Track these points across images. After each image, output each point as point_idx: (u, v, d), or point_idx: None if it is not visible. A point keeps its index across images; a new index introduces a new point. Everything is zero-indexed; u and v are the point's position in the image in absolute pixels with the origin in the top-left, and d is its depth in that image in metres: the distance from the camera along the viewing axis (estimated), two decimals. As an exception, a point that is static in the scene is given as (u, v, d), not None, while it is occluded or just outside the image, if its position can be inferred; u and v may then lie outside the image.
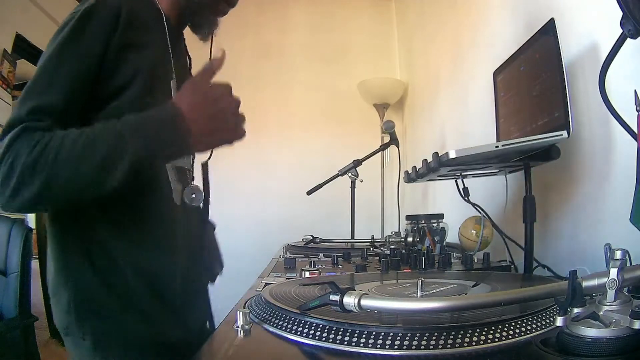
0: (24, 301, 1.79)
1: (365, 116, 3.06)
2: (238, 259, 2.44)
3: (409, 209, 2.51)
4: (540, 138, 0.86)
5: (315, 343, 0.48)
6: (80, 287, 0.77)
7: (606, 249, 0.48)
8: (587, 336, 0.39)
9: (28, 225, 2.11)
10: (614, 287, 0.42)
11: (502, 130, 1.23)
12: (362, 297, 0.48)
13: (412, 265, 1.03)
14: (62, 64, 0.74)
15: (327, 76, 3.17)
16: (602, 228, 0.94)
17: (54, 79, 0.73)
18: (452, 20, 1.97)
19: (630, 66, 0.80)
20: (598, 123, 0.95)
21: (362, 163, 2.08)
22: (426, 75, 2.51)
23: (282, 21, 3.26)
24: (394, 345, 0.44)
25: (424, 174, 1.08)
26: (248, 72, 3.19)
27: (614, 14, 0.65)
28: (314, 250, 1.49)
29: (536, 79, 1.01)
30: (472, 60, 1.74)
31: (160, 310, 0.81)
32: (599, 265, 0.52)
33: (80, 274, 0.77)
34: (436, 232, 1.44)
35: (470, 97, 1.74)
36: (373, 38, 3.26)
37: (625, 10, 0.62)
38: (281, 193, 2.99)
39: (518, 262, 1.06)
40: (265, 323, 0.55)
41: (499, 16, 1.49)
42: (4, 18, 2.50)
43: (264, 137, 3.11)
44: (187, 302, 0.88)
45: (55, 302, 0.79)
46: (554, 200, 1.13)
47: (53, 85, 0.73)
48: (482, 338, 0.45)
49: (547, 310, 0.51)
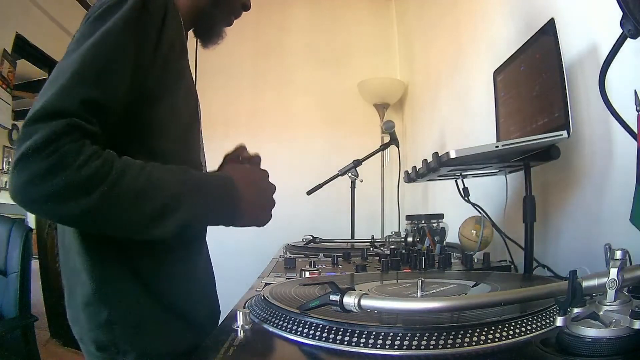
0: (24, 301, 1.79)
1: (365, 116, 3.06)
2: (238, 259, 2.44)
3: (409, 209, 2.51)
4: (540, 138, 0.86)
5: (315, 343, 0.48)
6: (123, 302, 0.72)
7: (606, 249, 0.48)
8: (587, 336, 0.39)
9: (28, 225, 2.11)
10: (614, 287, 0.42)
11: (502, 130, 1.23)
12: (362, 297, 0.48)
13: (412, 265, 1.03)
14: (117, 52, 0.67)
15: (327, 76, 3.16)
16: (602, 228, 0.94)
17: (108, 69, 0.66)
18: (452, 20, 1.97)
19: (630, 66, 0.80)
20: (598, 123, 0.95)
21: (362, 163, 2.08)
22: (426, 75, 2.51)
23: (282, 21, 3.26)
24: (394, 345, 0.44)
25: (424, 174, 1.08)
26: (248, 72, 3.19)
27: (614, 14, 0.65)
28: (314, 250, 1.49)
29: (536, 79, 1.01)
30: (472, 60, 1.74)
31: (202, 315, 0.81)
32: (599, 265, 0.52)
33: (121, 287, 0.72)
34: (436, 232, 1.44)
35: (470, 97, 1.74)
36: (373, 38, 3.26)
37: (625, 10, 0.62)
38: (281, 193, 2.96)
39: (518, 262, 1.06)
40: (265, 323, 0.55)
41: (499, 16, 1.49)
42: (4, 18, 2.50)
43: (264, 137, 3.12)
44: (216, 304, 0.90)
45: (87, 317, 0.73)
46: (554, 200, 1.13)
47: (107, 76, 0.65)
48: (482, 338, 0.45)
49: (547, 310, 0.51)
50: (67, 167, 0.58)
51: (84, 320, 0.73)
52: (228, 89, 3.07)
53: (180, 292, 0.77)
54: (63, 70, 0.64)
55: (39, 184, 0.58)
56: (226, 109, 3.05)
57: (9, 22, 2.55)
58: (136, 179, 0.63)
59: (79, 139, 0.60)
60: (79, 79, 0.63)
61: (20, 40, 2.63)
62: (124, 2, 0.69)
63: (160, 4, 0.73)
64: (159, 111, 0.74)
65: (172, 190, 0.67)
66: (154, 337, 0.73)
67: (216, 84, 3.00)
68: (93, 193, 0.59)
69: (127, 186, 0.62)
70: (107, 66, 0.66)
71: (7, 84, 2.51)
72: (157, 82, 0.73)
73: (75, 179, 0.58)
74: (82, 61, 0.64)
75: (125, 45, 0.67)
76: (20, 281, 1.77)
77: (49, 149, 0.58)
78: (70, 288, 0.76)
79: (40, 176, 0.58)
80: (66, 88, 0.62)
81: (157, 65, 0.72)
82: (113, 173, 0.61)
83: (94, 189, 0.60)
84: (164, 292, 0.75)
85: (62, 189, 0.58)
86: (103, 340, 0.72)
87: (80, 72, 0.63)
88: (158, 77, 0.72)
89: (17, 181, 0.58)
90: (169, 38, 0.74)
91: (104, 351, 0.72)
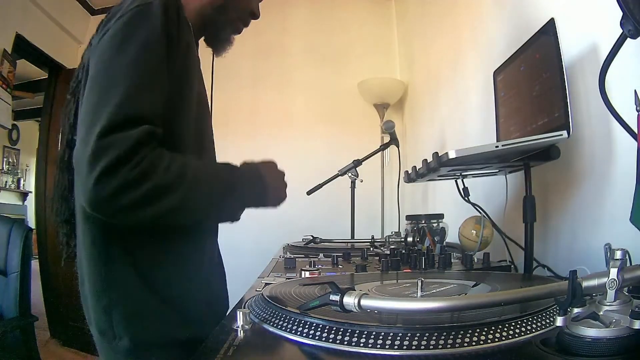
0: (24, 301, 1.78)
1: (365, 116, 3.06)
2: (238, 259, 2.44)
3: (409, 209, 2.51)
4: (540, 138, 0.86)
5: (315, 343, 0.48)
6: (122, 290, 0.77)
7: (606, 249, 0.48)
8: (587, 336, 0.39)
9: (28, 225, 2.11)
10: (614, 287, 0.42)
11: (502, 130, 1.23)
12: (362, 297, 0.48)
13: (412, 265, 1.03)
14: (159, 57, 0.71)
15: (327, 76, 3.16)
16: (602, 228, 0.94)
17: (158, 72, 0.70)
18: (452, 20, 1.97)
19: (630, 66, 0.80)
20: (598, 123, 0.94)
21: (362, 163, 2.08)
22: (426, 75, 2.51)
23: (282, 21, 3.26)
24: (394, 345, 0.44)
25: (424, 174, 1.08)
26: (248, 72, 3.19)
27: (614, 14, 0.65)
28: (314, 250, 1.49)
29: (536, 79, 1.01)
30: (472, 60, 1.74)
31: (200, 309, 0.83)
32: (599, 265, 0.52)
33: (122, 276, 0.77)
34: (436, 232, 1.44)
35: (470, 97, 1.74)
36: (373, 38, 3.26)
37: (625, 10, 0.62)
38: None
39: (518, 262, 1.06)
40: (265, 323, 0.55)
41: (499, 16, 1.49)
42: (4, 18, 2.50)
43: (264, 137, 3.12)
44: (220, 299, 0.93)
45: (93, 302, 0.78)
46: (554, 200, 1.13)
47: (158, 79, 0.70)
48: (482, 338, 0.45)
49: (547, 310, 0.51)
50: (154, 173, 0.65)
51: (90, 305, 0.79)
52: (228, 89, 3.06)
53: (178, 286, 0.81)
54: (115, 77, 0.67)
55: (130, 193, 0.63)
56: (226, 109, 3.05)
57: (9, 22, 2.55)
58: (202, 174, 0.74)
59: (157, 146, 0.67)
60: (141, 84, 0.67)
61: (20, 40, 2.63)
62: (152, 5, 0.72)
63: (174, 9, 0.76)
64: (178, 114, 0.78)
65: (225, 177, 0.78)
66: (149, 325, 0.77)
67: (216, 84, 3.00)
68: (177, 191, 0.67)
69: (199, 181, 0.72)
70: (156, 70, 0.70)
71: (7, 84, 2.51)
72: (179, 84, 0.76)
73: (162, 182, 0.66)
74: (136, 67, 0.68)
75: (163, 50, 0.72)
76: (20, 281, 1.77)
77: (136, 159, 0.63)
78: (82, 276, 0.81)
79: (130, 185, 0.63)
80: (132, 95, 0.66)
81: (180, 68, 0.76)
82: (189, 173, 0.70)
83: (177, 188, 0.68)
84: (162, 285, 0.79)
85: (150, 194, 0.65)
86: (103, 325, 0.77)
87: (139, 78, 0.67)
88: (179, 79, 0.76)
89: (103, 193, 0.62)
90: (184, 41, 0.77)
91: (104, 335, 0.77)
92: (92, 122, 0.64)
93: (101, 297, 0.77)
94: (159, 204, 0.66)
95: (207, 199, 0.75)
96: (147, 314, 0.78)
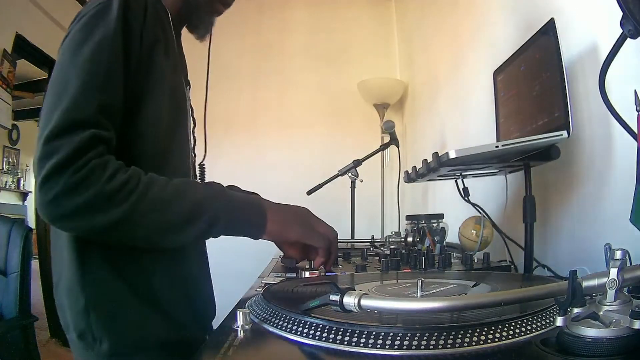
0: (24, 301, 1.78)
1: (365, 116, 3.06)
2: (238, 259, 2.44)
3: (409, 209, 2.51)
4: (540, 138, 0.86)
5: (315, 343, 0.48)
6: (100, 289, 0.74)
7: (606, 249, 0.48)
8: (587, 336, 0.39)
9: (28, 225, 2.11)
10: (614, 287, 0.42)
11: (502, 130, 1.23)
12: (362, 297, 0.48)
13: (412, 265, 1.02)
14: (115, 56, 0.69)
15: (327, 76, 3.16)
16: (602, 228, 0.94)
17: (111, 73, 0.68)
18: (452, 20, 1.97)
19: (630, 66, 0.80)
20: (598, 123, 0.94)
21: (362, 163, 2.08)
22: (426, 75, 2.51)
23: (282, 21, 3.26)
24: (394, 345, 0.44)
25: (424, 174, 1.08)
26: (248, 72, 3.19)
27: (614, 14, 0.65)
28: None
29: (536, 79, 1.01)
30: (472, 60, 1.74)
31: (183, 311, 0.81)
32: (599, 265, 0.52)
33: (100, 275, 0.74)
34: (436, 232, 1.44)
35: (470, 97, 1.74)
36: (373, 38, 3.26)
37: (625, 10, 0.62)
38: (281, 193, 2.97)
39: (518, 262, 1.06)
40: (265, 323, 0.55)
41: (499, 16, 1.49)
42: (4, 18, 2.50)
43: (264, 137, 3.12)
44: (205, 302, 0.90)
45: (70, 304, 0.75)
46: (554, 200, 1.13)
47: (111, 80, 0.68)
48: (482, 338, 0.44)
49: (547, 310, 0.51)
50: (96, 180, 0.62)
51: (66, 306, 0.75)
52: (228, 89, 3.07)
53: (159, 288, 0.78)
54: (67, 80, 0.66)
55: (70, 199, 0.61)
56: (226, 109, 3.05)
57: (9, 22, 2.55)
58: (163, 190, 0.67)
59: (103, 153, 0.64)
60: (90, 87, 0.65)
61: (20, 40, 2.63)
62: (111, 4, 0.71)
63: (140, 3, 0.74)
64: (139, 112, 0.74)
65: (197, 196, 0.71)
66: (129, 327, 0.74)
67: (216, 84, 3.00)
68: (122, 205, 0.63)
69: (154, 197, 0.66)
70: (110, 70, 0.68)
71: (7, 84, 2.51)
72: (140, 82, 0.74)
73: (103, 191, 0.62)
74: (88, 69, 0.66)
75: (119, 48, 0.70)
76: (20, 281, 1.77)
77: (77, 165, 0.61)
78: (57, 276, 0.78)
79: (70, 191, 0.61)
80: (79, 98, 0.64)
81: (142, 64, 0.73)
82: (140, 186, 0.66)
83: (123, 201, 0.63)
84: (142, 286, 0.76)
85: (92, 201, 0.62)
86: (81, 327, 0.73)
87: (89, 80, 0.66)
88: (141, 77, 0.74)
89: (46, 198, 0.61)
90: (151, 35, 0.75)
91: (83, 339, 0.73)
92: (44, 126, 0.64)
93: (79, 298, 0.73)
94: (103, 214, 0.63)
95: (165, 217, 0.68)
96: (127, 316, 0.75)
